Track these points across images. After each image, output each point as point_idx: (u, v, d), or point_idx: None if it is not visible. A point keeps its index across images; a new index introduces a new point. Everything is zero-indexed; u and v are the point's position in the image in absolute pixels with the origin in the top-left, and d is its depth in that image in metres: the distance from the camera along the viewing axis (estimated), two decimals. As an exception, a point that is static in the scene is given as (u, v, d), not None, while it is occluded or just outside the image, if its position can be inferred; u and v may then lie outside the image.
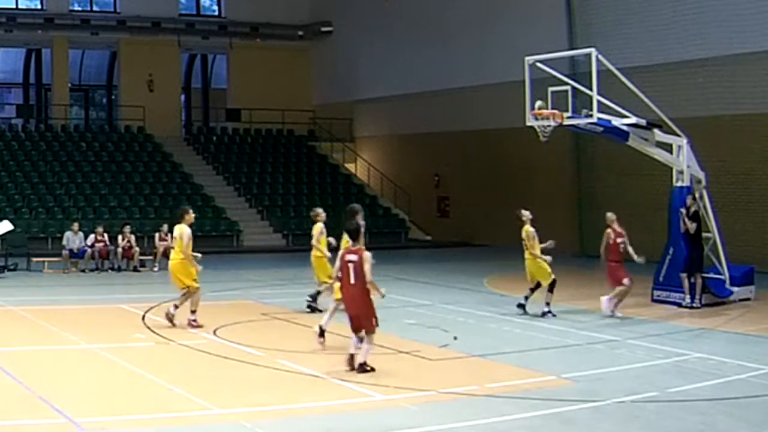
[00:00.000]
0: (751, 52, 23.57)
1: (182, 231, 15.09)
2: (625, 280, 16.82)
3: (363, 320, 11.52)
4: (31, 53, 40.41)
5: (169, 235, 25.27)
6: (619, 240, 17.14)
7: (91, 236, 24.51)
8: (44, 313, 16.45)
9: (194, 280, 15.16)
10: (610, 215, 17.56)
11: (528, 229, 16.74)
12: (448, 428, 9.31)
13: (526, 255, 16.87)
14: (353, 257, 11.59)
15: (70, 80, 39.44)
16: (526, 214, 16.80)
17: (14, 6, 37.12)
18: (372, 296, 11.53)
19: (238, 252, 31.25)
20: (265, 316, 16.71)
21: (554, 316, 16.39)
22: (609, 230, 17.36)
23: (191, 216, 15.49)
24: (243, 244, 32.37)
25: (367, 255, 11.48)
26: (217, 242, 31.71)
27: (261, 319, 16.37)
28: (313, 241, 17.18)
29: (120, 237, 24.77)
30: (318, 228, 17.18)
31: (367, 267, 11.38)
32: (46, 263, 24.33)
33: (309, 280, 22.84)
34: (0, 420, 9.10)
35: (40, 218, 29.98)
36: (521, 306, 16.82)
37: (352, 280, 11.58)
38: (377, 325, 11.58)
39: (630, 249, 16.91)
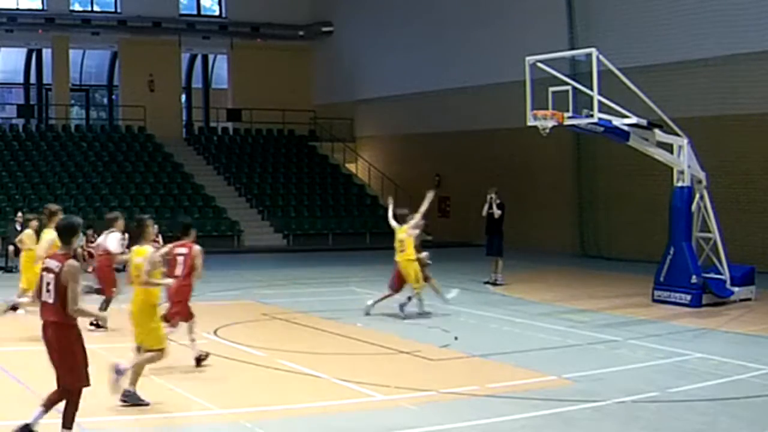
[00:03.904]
0: (751, 52, 23.56)
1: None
2: None
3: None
4: (31, 53, 40.41)
5: (160, 236, 25.30)
6: None
7: (83, 238, 24.54)
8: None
9: None
10: None
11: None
12: (448, 428, 9.31)
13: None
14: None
15: (71, 80, 39.42)
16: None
17: (15, 6, 37.13)
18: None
19: (238, 252, 31.26)
20: (265, 316, 16.71)
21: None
22: None
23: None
24: (244, 245, 32.38)
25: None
26: (217, 242, 31.71)
27: (261, 319, 16.38)
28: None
29: None
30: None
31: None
32: (46, 263, 24.32)
33: (309, 280, 22.88)
34: (0, 420, 9.09)
35: (41, 218, 29.94)
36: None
37: None
38: None
39: None
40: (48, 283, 8.05)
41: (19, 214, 25.44)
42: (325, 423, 9.40)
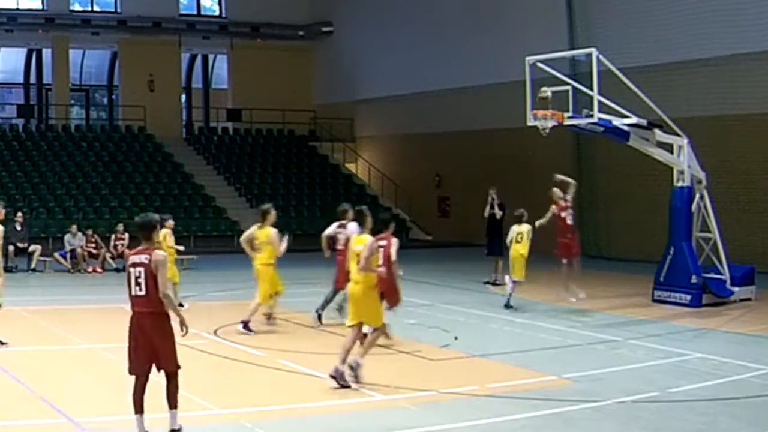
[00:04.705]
0: (751, 52, 23.57)
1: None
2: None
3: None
4: (31, 53, 40.42)
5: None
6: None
7: (83, 238, 24.57)
8: (44, 313, 16.46)
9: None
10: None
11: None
12: (448, 428, 9.31)
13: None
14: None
15: (71, 80, 39.44)
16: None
17: (15, 6, 37.13)
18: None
19: (238, 252, 31.16)
20: (266, 316, 16.69)
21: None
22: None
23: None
24: (244, 244, 32.33)
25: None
26: (217, 242, 31.73)
27: (262, 319, 16.36)
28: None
29: (113, 236, 24.77)
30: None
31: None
32: (46, 263, 24.34)
33: (308, 280, 22.84)
34: (0, 420, 9.10)
35: (41, 218, 29.97)
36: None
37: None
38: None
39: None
40: (137, 277, 8.52)
41: (19, 214, 25.43)
42: (325, 423, 9.40)
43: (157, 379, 10.86)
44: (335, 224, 15.64)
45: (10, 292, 19.70)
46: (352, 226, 15.04)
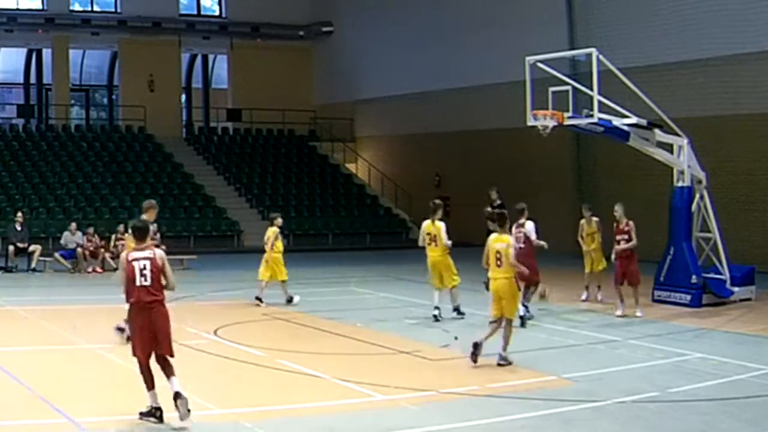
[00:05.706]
0: (751, 52, 23.57)
1: None
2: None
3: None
4: (31, 53, 40.42)
5: (158, 234, 25.26)
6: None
7: (83, 237, 24.56)
8: (44, 313, 16.45)
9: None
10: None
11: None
12: (448, 428, 9.31)
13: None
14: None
15: (71, 80, 39.44)
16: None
17: (15, 6, 37.13)
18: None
19: (238, 252, 31.25)
20: (265, 316, 16.73)
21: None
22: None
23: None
24: (244, 244, 32.35)
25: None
26: (217, 242, 31.76)
27: (262, 320, 16.38)
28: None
29: (114, 236, 24.76)
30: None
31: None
32: (46, 263, 24.34)
33: (309, 280, 22.85)
34: (0, 420, 9.10)
35: (41, 218, 29.98)
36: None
37: None
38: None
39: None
40: (143, 269, 9.20)
41: (19, 213, 25.43)
42: (325, 423, 9.40)
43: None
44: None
45: (10, 292, 19.76)
46: (529, 225, 16.15)
